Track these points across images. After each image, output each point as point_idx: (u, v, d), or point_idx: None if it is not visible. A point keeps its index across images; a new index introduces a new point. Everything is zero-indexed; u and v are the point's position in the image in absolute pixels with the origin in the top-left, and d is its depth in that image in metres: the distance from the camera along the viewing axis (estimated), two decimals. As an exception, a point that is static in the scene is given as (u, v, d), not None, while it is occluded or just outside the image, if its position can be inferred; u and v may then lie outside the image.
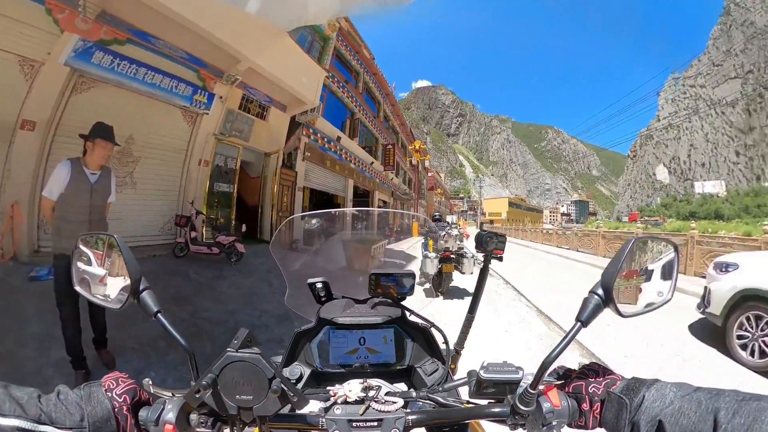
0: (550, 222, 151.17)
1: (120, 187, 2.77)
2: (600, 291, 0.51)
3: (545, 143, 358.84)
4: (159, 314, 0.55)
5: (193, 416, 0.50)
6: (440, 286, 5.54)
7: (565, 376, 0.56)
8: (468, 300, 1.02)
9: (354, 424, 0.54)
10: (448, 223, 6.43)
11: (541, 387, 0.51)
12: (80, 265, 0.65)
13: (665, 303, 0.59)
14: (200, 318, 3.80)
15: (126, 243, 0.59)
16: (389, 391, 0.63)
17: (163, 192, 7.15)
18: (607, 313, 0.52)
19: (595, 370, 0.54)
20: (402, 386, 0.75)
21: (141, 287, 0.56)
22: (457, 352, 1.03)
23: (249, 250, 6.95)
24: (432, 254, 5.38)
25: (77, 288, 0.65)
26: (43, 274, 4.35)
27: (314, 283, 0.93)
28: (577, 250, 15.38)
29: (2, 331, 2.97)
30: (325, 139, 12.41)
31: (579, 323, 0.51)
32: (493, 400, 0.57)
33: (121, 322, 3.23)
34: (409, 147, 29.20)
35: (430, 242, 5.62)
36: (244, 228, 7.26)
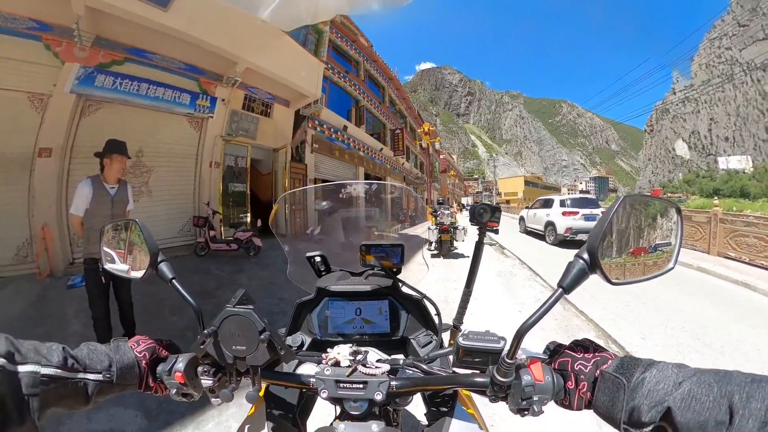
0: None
1: (137, 196, 3.14)
2: (585, 255, 0.48)
3: (560, 118, 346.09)
4: (174, 280, 0.61)
5: (200, 369, 0.58)
6: (442, 249, 7.40)
7: (555, 351, 0.54)
8: (462, 261, 1.06)
9: (341, 384, 0.58)
10: (448, 206, 8.21)
11: (523, 358, 0.52)
12: (107, 248, 0.74)
13: (667, 272, 0.53)
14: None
15: (145, 224, 0.68)
16: (379, 359, 0.67)
17: (178, 197, 7.51)
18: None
19: (585, 346, 0.51)
20: (399, 357, 0.76)
21: (159, 259, 0.62)
22: (456, 327, 1.04)
23: (266, 243, 7.25)
24: (434, 227, 7.39)
25: (106, 266, 0.73)
26: (77, 281, 4.71)
27: (312, 257, 0.98)
28: None
29: (49, 333, 3.36)
30: (332, 130, 12.50)
31: (560, 289, 0.48)
32: (477, 371, 0.56)
33: (149, 317, 3.55)
34: (418, 130, 28.88)
35: (434, 219, 7.62)
36: (260, 223, 7.57)
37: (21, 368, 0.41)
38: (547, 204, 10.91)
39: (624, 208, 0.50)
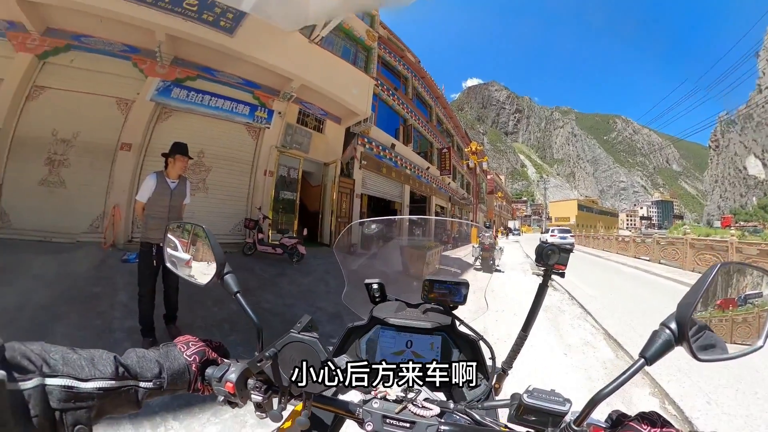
0: (627, 227, 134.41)
1: (194, 191, 3.68)
2: (673, 325, 0.44)
3: (615, 135, 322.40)
4: (238, 294, 0.61)
5: (251, 381, 0.58)
6: (484, 266, 7.55)
7: (618, 422, 0.49)
8: (498, 275, 1.01)
9: (388, 420, 0.56)
10: (489, 229, 9.30)
11: (586, 426, 0.48)
12: (170, 248, 0.75)
13: (755, 350, 0.48)
14: (261, 308, 4.23)
15: (212, 232, 0.69)
16: (428, 398, 0.64)
17: (232, 198, 8.11)
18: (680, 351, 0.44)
19: (652, 420, 0.47)
20: (441, 396, 0.75)
21: (225, 270, 0.63)
22: (504, 372, 1.01)
23: (309, 252, 7.45)
24: (477, 246, 7.70)
25: (168, 265, 0.74)
26: (131, 258, 5.28)
27: (370, 284, 0.97)
28: (660, 262, 13.18)
29: (100, 296, 3.96)
30: (380, 147, 12.75)
31: (642, 359, 0.45)
32: (532, 430, 0.54)
33: (192, 304, 3.72)
34: (466, 149, 28.55)
35: (478, 240, 8.02)
36: (305, 232, 7.86)
37: (50, 381, 0.39)
38: (547, 231, 21.04)
39: (719, 275, 0.45)
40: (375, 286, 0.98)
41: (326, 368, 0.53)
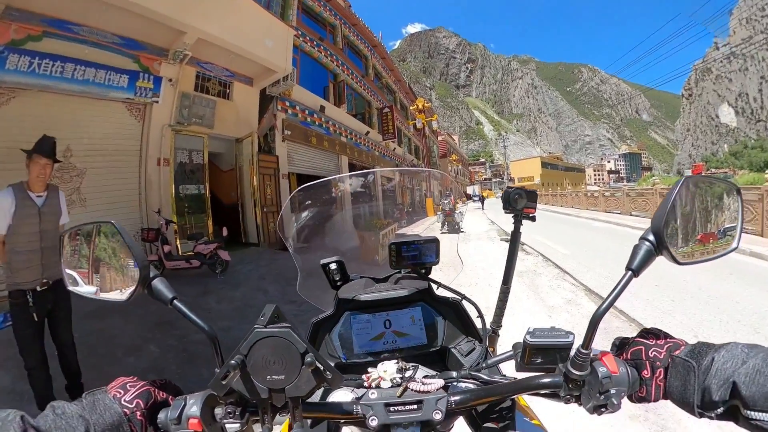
0: (594, 182, 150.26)
1: (68, 207, 3.12)
2: (651, 237, 0.55)
3: (580, 85, 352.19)
4: (176, 300, 0.59)
5: (218, 410, 0.55)
6: (450, 228, 8.44)
7: (623, 344, 0.60)
8: (468, 248, 1.14)
9: (392, 408, 0.59)
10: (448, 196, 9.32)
11: (595, 351, 0.56)
12: (69, 262, 0.69)
13: (730, 251, 0.63)
14: (190, 342, 4.01)
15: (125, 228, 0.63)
16: (426, 374, 0.69)
17: (119, 204, 7.36)
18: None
19: (655, 334, 0.58)
20: (452, 372, 0.79)
21: (151, 275, 0.60)
22: (494, 332, 1.11)
23: (234, 257, 7.21)
24: (440, 213, 8.29)
25: (70, 288, 0.69)
26: None
27: (327, 264, 1.00)
28: (631, 214, 15.49)
29: None
30: (306, 112, 12.52)
31: (630, 272, 0.54)
32: (542, 372, 0.60)
33: (98, 361, 3.43)
34: (411, 108, 29.10)
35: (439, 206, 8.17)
36: (225, 232, 7.52)
37: None
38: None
39: (686, 188, 0.59)
40: (333, 266, 1.01)
41: (308, 362, 0.51)
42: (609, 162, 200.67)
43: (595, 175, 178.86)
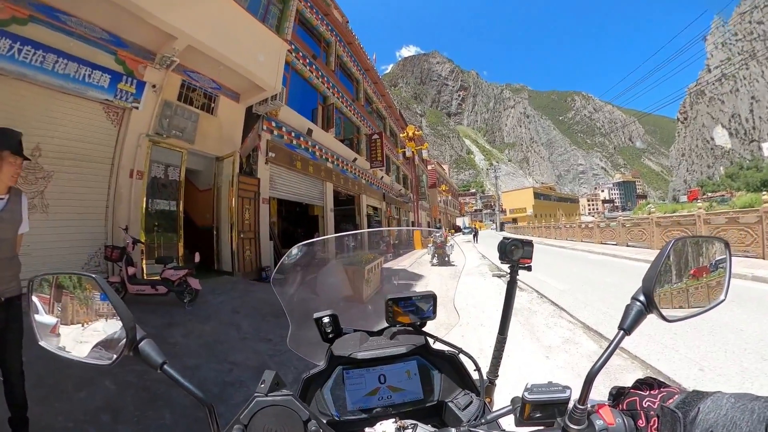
0: (589, 213, 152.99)
1: (29, 211, 2.77)
2: (642, 297, 0.61)
3: (573, 114, 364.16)
4: (165, 365, 0.60)
5: None
6: (440, 261, 9.00)
7: (619, 394, 0.64)
8: (453, 269, 1.12)
9: None
10: (439, 229, 10.27)
11: (591, 405, 0.59)
12: (41, 316, 0.68)
13: (718, 304, 0.69)
14: (153, 380, 3.64)
15: (108, 284, 0.62)
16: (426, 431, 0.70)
17: (85, 216, 7.02)
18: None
19: (649, 383, 0.61)
20: (452, 429, 0.82)
21: (138, 336, 0.61)
22: (491, 382, 1.14)
23: (206, 286, 6.91)
24: (432, 246, 8.64)
25: (42, 343, 0.66)
26: None
27: (321, 318, 1.01)
28: (627, 245, 15.62)
29: None
30: (293, 134, 12.47)
31: (622, 331, 0.59)
32: (541, 426, 0.62)
33: (46, 392, 3.17)
34: (401, 135, 29.36)
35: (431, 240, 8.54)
36: (197, 258, 7.14)
37: None
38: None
39: (675, 250, 0.65)
40: (326, 319, 1.01)
41: (312, 431, 0.55)
42: (603, 191, 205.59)
43: (589, 205, 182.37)
